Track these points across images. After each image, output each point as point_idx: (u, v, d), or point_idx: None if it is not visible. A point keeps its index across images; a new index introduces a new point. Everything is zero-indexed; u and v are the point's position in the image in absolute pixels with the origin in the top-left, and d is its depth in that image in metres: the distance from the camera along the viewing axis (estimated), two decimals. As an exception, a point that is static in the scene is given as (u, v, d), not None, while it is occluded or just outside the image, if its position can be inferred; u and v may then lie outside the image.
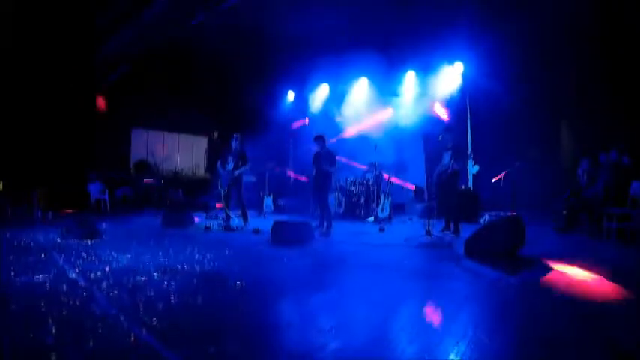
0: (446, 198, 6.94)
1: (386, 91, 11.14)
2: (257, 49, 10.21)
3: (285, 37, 9.06)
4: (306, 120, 12.79)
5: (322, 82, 11.87)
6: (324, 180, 7.05)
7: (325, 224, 6.96)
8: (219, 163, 7.61)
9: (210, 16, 8.28)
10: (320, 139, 7.18)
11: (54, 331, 2.25)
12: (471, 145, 9.64)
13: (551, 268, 4.17)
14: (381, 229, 7.38)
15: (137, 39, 9.11)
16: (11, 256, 4.30)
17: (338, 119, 12.09)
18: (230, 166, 7.40)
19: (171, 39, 8.96)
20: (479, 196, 8.83)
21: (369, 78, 11.15)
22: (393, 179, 9.55)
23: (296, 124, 12.95)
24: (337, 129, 11.89)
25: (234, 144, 7.53)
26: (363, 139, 11.34)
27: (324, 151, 7.11)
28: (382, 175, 9.29)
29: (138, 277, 3.50)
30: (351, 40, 8.62)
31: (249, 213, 7.91)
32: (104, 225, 7.09)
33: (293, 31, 8.68)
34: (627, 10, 7.02)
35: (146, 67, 10.85)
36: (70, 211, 9.38)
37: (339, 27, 8.76)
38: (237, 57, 10.62)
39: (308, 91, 12.24)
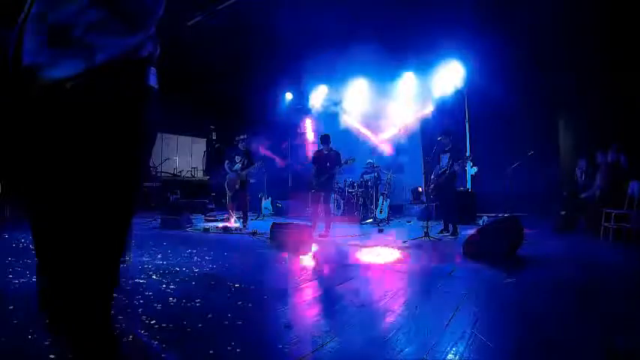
0: (444, 200, 6.96)
1: (384, 91, 11.16)
2: (255, 50, 10.22)
3: (283, 38, 9.06)
4: (307, 121, 12.76)
5: (321, 83, 11.89)
6: (327, 181, 6.96)
7: (324, 225, 6.93)
8: (226, 163, 7.54)
9: (209, 16, 8.28)
10: (326, 139, 7.07)
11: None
12: (469, 145, 9.66)
13: (549, 268, 4.19)
14: (380, 231, 7.39)
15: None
16: (9, 258, 4.30)
17: (337, 120, 12.11)
18: (238, 166, 7.36)
19: (169, 40, 8.95)
20: (477, 197, 8.85)
21: (367, 79, 11.17)
22: None
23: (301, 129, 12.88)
24: (335, 129, 11.91)
25: (240, 144, 7.49)
26: (361, 140, 11.38)
27: (329, 152, 7.01)
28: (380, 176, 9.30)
29: (136, 279, 3.50)
30: (349, 40, 8.63)
31: (248, 214, 7.90)
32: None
33: (291, 31, 8.68)
34: (627, 10, 7.05)
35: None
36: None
37: (337, 28, 8.77)
38: (235, 58, 10.62)
39: (306, 92, 12.25)
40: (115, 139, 0.95)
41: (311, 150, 11.41)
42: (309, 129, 12.68)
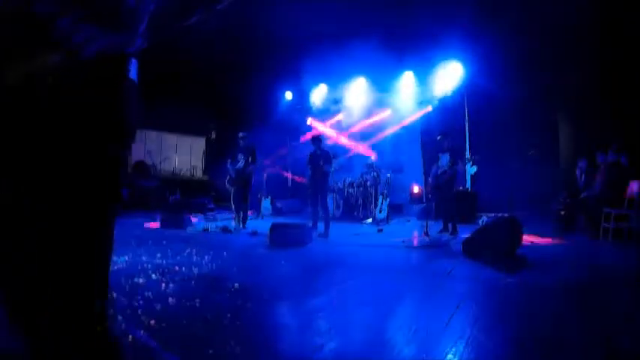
0: (443, 199, 6.96)
1: (384, 91, 11.16)
2: (255, 49, 10.22)
3: (283, 37, 9.06)
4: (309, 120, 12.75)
5: (320, 83, 11.89)
6: (322, 180, 7.02)
7: (323, 225, 6.93)
8: (229, 161, 7.49)
9: (208, 15, 8.26)
10: (317, 139, 7.15)
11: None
12: (469, 145, 9.66)
13: (548, 268, 4.18)
14: (379, 230, 7.39)
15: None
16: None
17: (336, 119, 12.13)
18: (241, 164, 7.31)
19: (168, 39, 8.91)
20: (477, 196, 8.85)
21: (367, 78, 11.17)
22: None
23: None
24: (336, 130, 11.94)
25: (242, 142, 7.44)
26: (361, 139, 11.39)
27: (321, 151, 7.08)
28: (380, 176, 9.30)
29: (136, 279, 3.50)
30: (349, 40, 8.64)
31: (248, 214, 7.88)
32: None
33: (291, 30, 8.68)
34: (626, 11, 7.04)
35: (143, 67, 10.82)
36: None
37: (337, 27, 8.77)
38: (235, 57, 10.62)
39: (306, 92, 12.26)
40: (94, 135, 0.94)
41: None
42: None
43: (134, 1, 0.98)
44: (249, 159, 7.30)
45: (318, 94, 12.17)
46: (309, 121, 12.57)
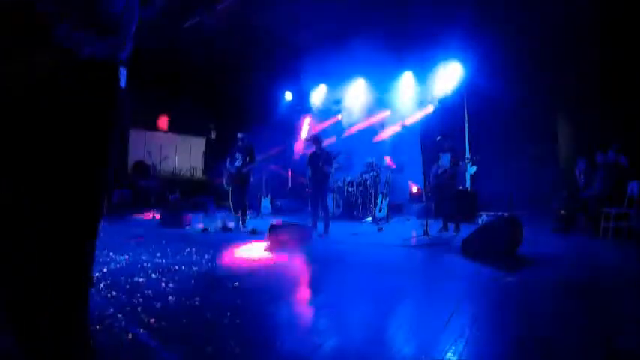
0: (445, 198, 6.96)
1: (383, 91, 11.16)
2: (255, 49, 10.21)
3: (283, 37, 9.05)
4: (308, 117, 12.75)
5: (320, 83, 11.89)
6: (322, 181, 7.01)
7: (323, 225, 6.93)
8: (227, 161, 7.52)
9: (208, 16, 8.27)
10: (317, 140, 7.14)
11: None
12: (469, 145, 9.66)
13: (548, 267, 4.18)
14: (379, 230, 7.39)
15: (134, 38, 9.07)
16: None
17: (336, 119, 12.13)
18: (238, 163, 7.33)
19: (168, 39, 8.92)
20: (477, 196, 8.85)
21: (367, 78, 11.17)
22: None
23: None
24: (335, 129, 11.94)
25: (240, 142, 7.45)
26: (361, 139, 11.38)
27: (321, 152, 7.07)
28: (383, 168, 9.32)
29: (136, 278, 3.50)
30: (349, 40, 8.63)
31: (247, 213, 7.88)
32: (102, 226, 7.05)
33: (291, 30, 8.67)
34: (626, 11, 7.04)
35: (143, 68, 10.82)
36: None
37: (337, 27, 8.76)
38: (235, 57, 10.61)
39: (306, 92, 12.26)
40: (91, 135, 0.96)
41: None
42: (305, 128, 12.66)
43: (120, 10, 1.00)
44: (247, 159, 7.32)
45: (318, 95, 12.16)
46: (307, 120, 12.60)
